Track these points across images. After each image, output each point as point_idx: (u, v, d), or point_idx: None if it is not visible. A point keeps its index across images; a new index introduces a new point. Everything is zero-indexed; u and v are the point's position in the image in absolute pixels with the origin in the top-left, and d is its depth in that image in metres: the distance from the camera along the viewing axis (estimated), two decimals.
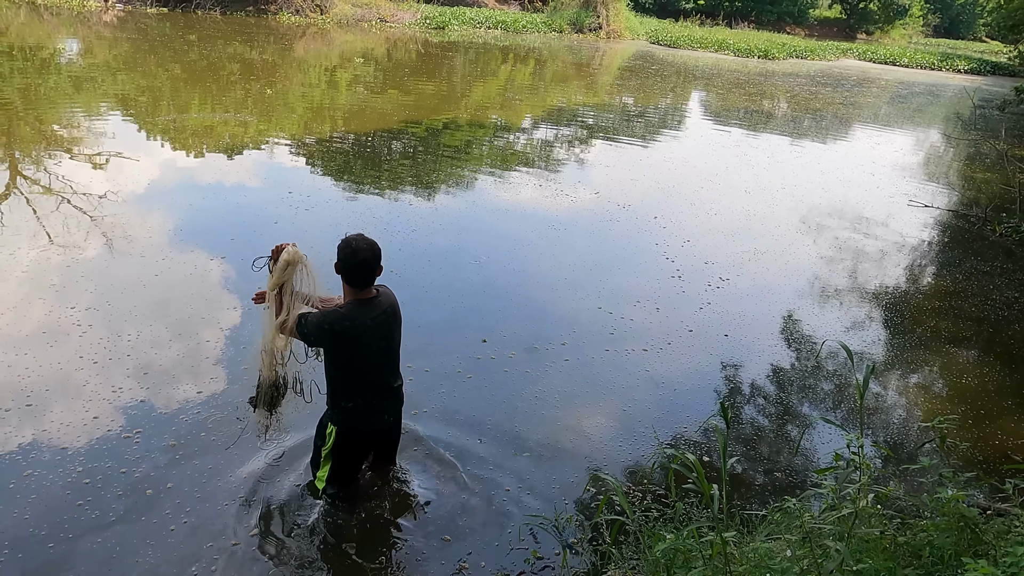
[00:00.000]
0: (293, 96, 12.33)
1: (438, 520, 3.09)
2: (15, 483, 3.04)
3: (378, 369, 2.87)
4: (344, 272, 2.76)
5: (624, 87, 17.71)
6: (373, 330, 2.78)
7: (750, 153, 11.18)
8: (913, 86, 24.12)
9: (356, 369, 2.83)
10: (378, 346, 2.83)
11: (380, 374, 2.88)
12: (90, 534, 2.83)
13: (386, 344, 2.87)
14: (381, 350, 2.85)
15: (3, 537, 2.78)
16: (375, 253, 2.75)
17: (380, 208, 6.88)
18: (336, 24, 22.52)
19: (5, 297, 4.50)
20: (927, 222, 8.39)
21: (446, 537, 2.98)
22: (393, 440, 3.16)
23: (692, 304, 5.43)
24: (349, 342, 2.76)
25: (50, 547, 2.76)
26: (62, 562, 2.71)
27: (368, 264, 2.74)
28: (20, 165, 7.28)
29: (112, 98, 10.71)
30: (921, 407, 4.48)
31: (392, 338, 2.89)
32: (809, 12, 42.74)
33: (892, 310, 5.86)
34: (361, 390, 2.86)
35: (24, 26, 16.65)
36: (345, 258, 2.73)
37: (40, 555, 2.73)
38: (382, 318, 2.82)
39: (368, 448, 3.10)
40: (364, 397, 2.87)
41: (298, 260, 2.83)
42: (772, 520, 2.61)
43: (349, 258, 2.72)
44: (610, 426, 3.88)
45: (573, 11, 28.21)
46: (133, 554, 2.76)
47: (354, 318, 2.75)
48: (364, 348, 2.79)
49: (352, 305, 2.78)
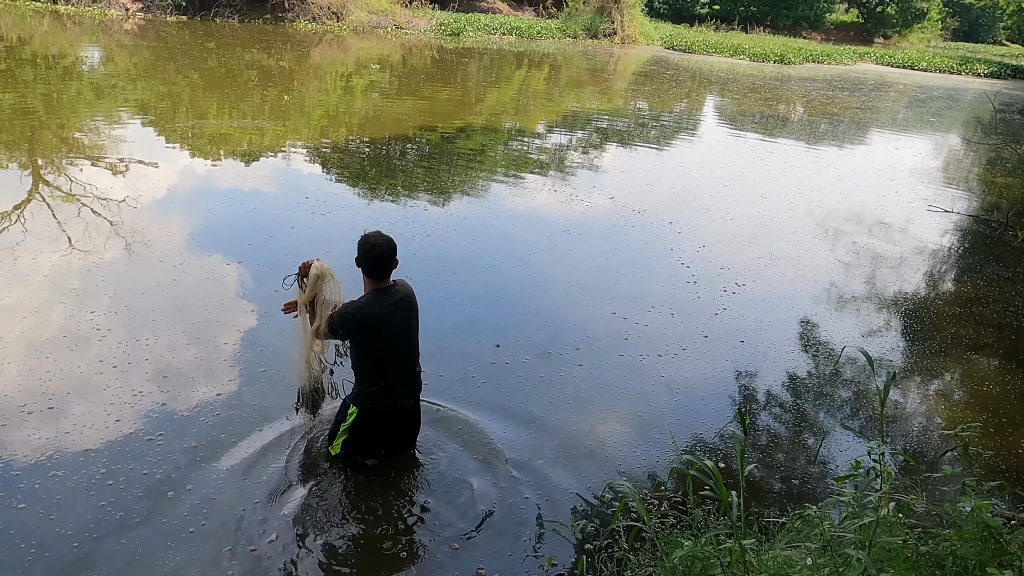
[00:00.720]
0: (309, 102, 12.44)
1: (453, 527, 3.08)
2: (40, 483, 3.08)
3: (399, 353, 3.14)
4: (364, 265, 3.05)
5: (639, 92, 17.69)
6: (392, 316, 3.05)
7: (766, 158, 11.11)
8: (932, 90, 23.88)
9: (379, 353, 3.09)
10: (398, 331, 3.10)
11: (401, 358, 3.16)
12: (113, 535, 2.86)
13: (405, 329, 3.13)
14: (401, 335, 3.12)
15: (30, 536, 2.82)
16: (391, 247, 3.04)
17: (395, 213, 6.91)
18: (352, 31, 22.71)
19: (27, 301, 4.57)
20: (947, 227, 8.29)
21: (454, 545, 2.97)
22: (413, 424, 3.39)
23: (707, 310, 5.40)
24: (372, 327, 3.03)
25: (75, 547, 2.80)
26: (86, 561, 2.74)
27: (385, 257, 3.02)
28: (42, 171, 7.39)
29: (132, 105, 10.87)
30: (942, 415, 4.42)
31: (410, 324, 3.16)
32: (825, 16, 42.49)
33: (911, 316, 5.79)
34: (385, 374, 3.12)
35: (48, 34, 16.96)
36: (364, 252, 3.02)
37: (66, 554, 2.76)
38: (400, 305, 3.09)
39: (385, 431, 3.28)
40: (387, 380, 3.12)
41: (327, 273, 3.19)
42: (791, 528, 2.58)
43: (368, 252, 3.01)
44: (625, 432, 3.86)
45: (587, 17, 28.25)
46: (154, 556, 2.79)
47: (374, 305, 3.02)
48: (385, 333, 3.06)
49: (372, 294, 3.06)
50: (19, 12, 19.37)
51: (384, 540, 2.97)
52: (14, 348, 4.04)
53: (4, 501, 2.97)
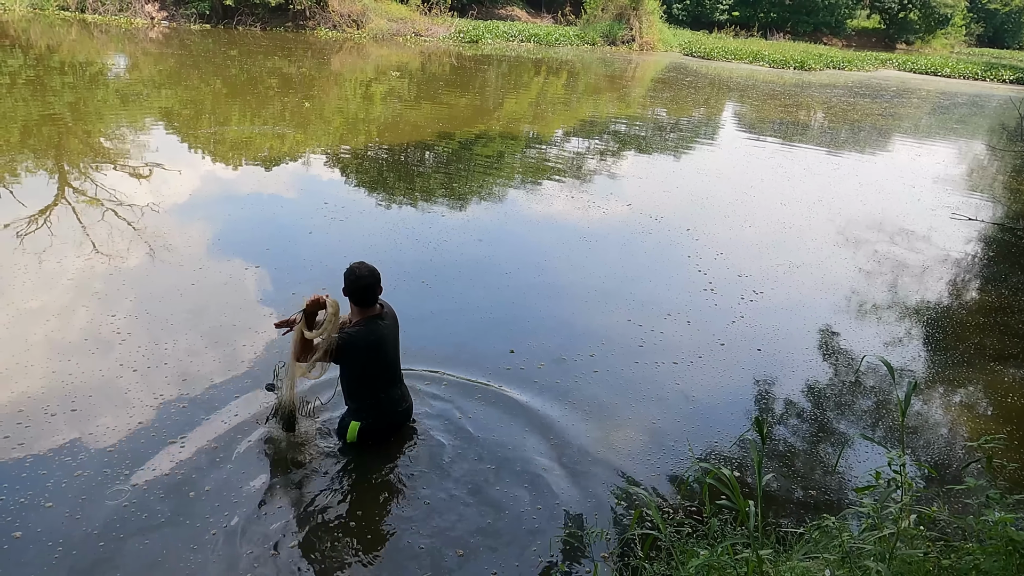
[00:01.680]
0: (329, 109, 12.57)
1: (460, 534, 3.07)
2: (67, 482, 3.13)
3: (393, 366, 3.48)
4: (351, 295, 3.34)
5: (657, 99, 17.65)
6: (387, 338, 3.41)
7: (785, 165, 11.03)
8: (955, 97, 23.56)
9: (374, 369, 3.39)
10: (392, 350, 3.45)
11: (394, 371, 3.50)
12: (137, 535, 2.90)
13: (394, 345, 3.49)
14: (393, 351, 3.48)
15: (57, 534, 2.86)
16: (375, 277, 3.32)
17: (412, 219, 6.95)
18: (372, 39, 22.93)
19: (51, 304, 4.66)
20: (971, 236, 8.16)
21: (460, 551, 2.97)
22: (408, 415, 3.63)
23: (724, 318, 5.36)
24: (372, 351, 3.35)
25: (100, 546, 2.84)
26: (111, 560, 2.77)
27: (371, 287, 3.31)
28: (69, 176, 7.54)
29: (156, 111, 11.05)
30: (965, 426, 4.34)
31: (397, 340, 3.52)
32: (846, 22, 42.13)
33: (934, 326, 5.70)
34: (381, 386, 3.43)
35: (75, 43, 17.32)
36: (351, 283, 3.31)
37: (91, 553, 2.80)
38: (391, 328, 3.46)
39: (388, 434, 3.53)
40: (385, 392, 3.44)
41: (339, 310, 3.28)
42: (809, 538, 2.54)
43: (355, 283, 3.30)
44: (640, 439, 3.83)
45: (606, 24, 28.28)
46: (177, 558, 2.82)
47: (374, 332, 3.35)
48: (383, 353, 3.40)
49: (366, 322, 3.34)
50: (48, 21, 19.80)
51: (392, 545, 2.98)
52: (38, 350, 4.12)
53: (33, 499, 3.03)
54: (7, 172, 7.41)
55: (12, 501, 3.01)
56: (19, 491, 3.06)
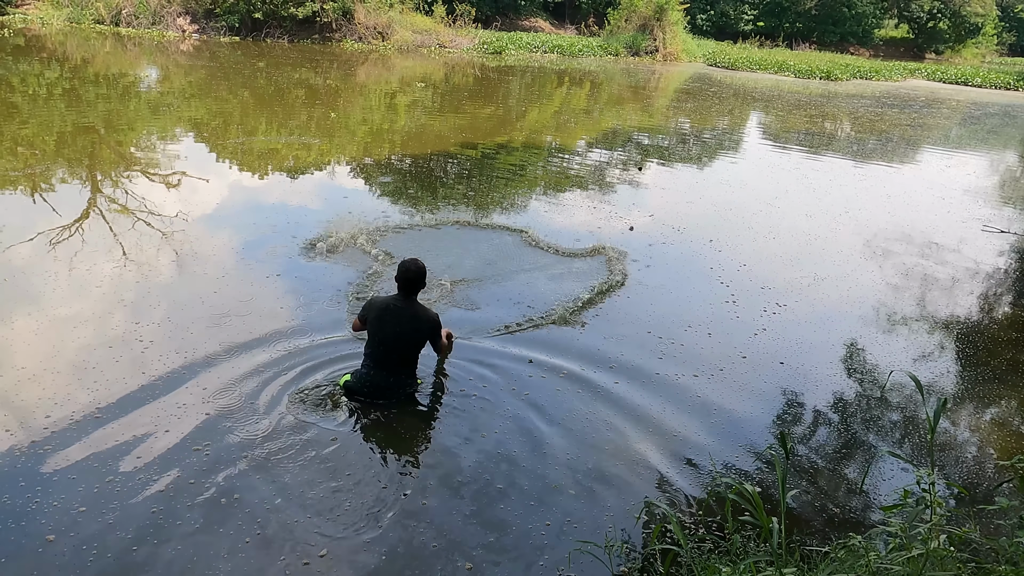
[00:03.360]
0: (354, 119, 12.72)
1: (469, 545, 3.06)
2: (98, 488, 3.19)
3: (382, 349, 3.91)
4: (397, 280, 4.01)
5: (680, 109, 17.59)
6: (389, 319, 3.91)
7: (811, 176, 10.90)
8: (987, 107, 23.14)
9: (371, 339, 3.95)
10: (391, 330, 3.91)
11: (387, 354, 3.91)
12: (169, 542, 2.94)
13: (395, 335, 3.91)
14: (389, 336, 3.91)
15: (93, 538, 2.92)
16: (412, 273, 3.95)
17: (433, 228, 6.98)
18: (397, 50, 23.21)
19: (80, 310, 4.76)
20: (1003, 248, 7.98)
21: (469, 565, 2.95)
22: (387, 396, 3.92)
23: (746, 330, 5.29)
24: (374, 323, 3.93)
25: (134, 550, 2.88)
26: (143, 565, 2.82)
27: (408, 280, 3.96)
28: (101, 185, 7.72)
29: (186, 122, 11.28)
30: (996, 445, 4.22)
31: (404, 336, 3.93)
32: (874, 32, 41.63)
33: (964, 341, 5.57)
34: (370, 357, 3.95)
35: (109, 55, 17.78)
36: (397, 271, 4.01)
37: (124, 557, 2.85)
38: (403, 316, 3.93)
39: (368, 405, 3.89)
40: (371, 365, 3.93)
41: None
42: (835, 557, 2.49)
43: (398, 272, 4.00)
44: (660, 453, 3.79)
45: (629, 34, 28.30)
46: (206, 565, 2.85)
47: (385, 303, 3.97)
48: (380, 330, 3.92)
49: (391, 297, 4.02)
50: (84, 34, 20.37)
51: (401, 556, 2.98)
52: (65, 356, 4.20)
53: (66, 503, 3.09)
54: (42, 180, 7.61)
55: (46, 504, 3.07)
56: (51, 495, 3.12)
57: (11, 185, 7.42)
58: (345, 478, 3.38)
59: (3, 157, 8.38)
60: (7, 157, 8.38)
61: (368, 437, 3.71)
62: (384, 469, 3.47)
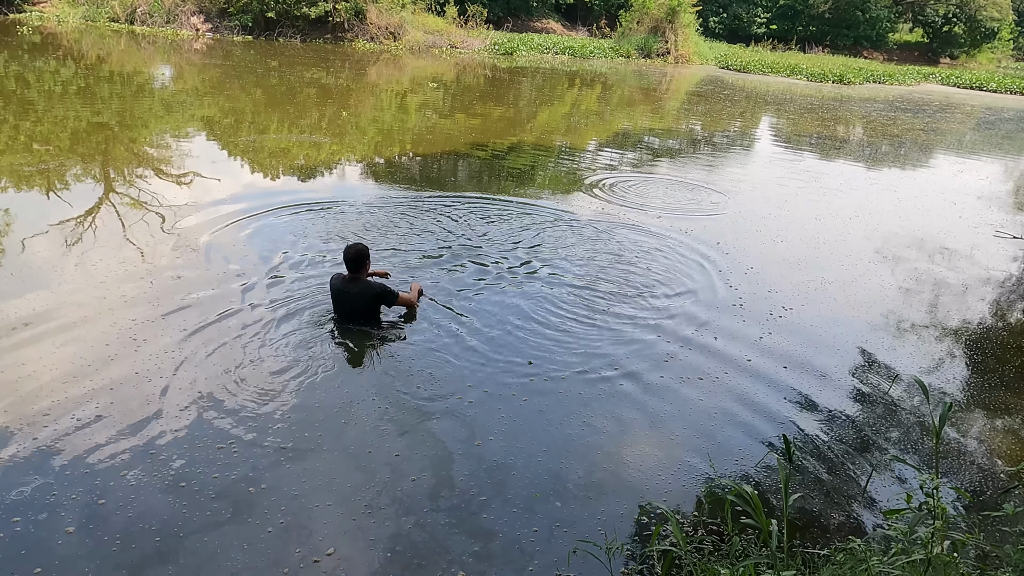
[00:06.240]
0: (365, 119, 12.77)
1: (470, 550, 3.07)
2: (114, 482, 3.24)
3: (345, 319, 4.79)
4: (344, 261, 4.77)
5: (691, 112, 17.54)
6: (341, 297, 4.75)
7: (822, 179, 10.84)
8: (1002, 112, 22.92)
9: (335, 311, 4.85)
10: (347, 306, 4.76)
11: (346, 321, 4.78)
12: (192, 534, 2.98)
13: (351, 309, 4.77)
14: (347, 310, 4.78)
15: (116, 530, 2.98)
16: (349, 255, 4.69)
17: (441, 228, 7.00)
18: (408, 50, 23.28)
19: (88, 305, 4.81)
20: (1016, 254, 7.91)
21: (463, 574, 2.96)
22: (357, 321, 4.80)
23: (752, 333, 5.27)
24: (333, 294, 4.80)
25: (157, 541, 2.93)
26: (167, 555, 2.87)
27: (348, 259, 4.69)
28: (113, 182, 7.80)
29: (199, 120, 11.37)
30: (1003, 452, 4.19)
31: (357, 308, 4.76)
32: (888, 36, 41.29)
33: (973, 347, 5.53)
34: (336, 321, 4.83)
35: (124, 53, 17.94)
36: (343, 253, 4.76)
37: (148, 547, 2.90)
38: (351, 292, 4.73)
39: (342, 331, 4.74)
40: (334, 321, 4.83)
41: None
42: (835, 561, 2.49)
43: (344, 254, 4.75)
44: (661, 455, 3.79)
45: (641, 37, 28.23)
46: (226, 556, 2.89)
47: (337, 283, 4.78)
48: (338, 305, 4.80)
49: (342, 277, 4.77)
50: (99, 33, 20.56)
51: (401, 559, 2.99)
52: (68, 351, 4.25)
53: (85, 496, 3.14)
54: (57, 176, 7.70)
55: (64, 497, 3.12)
56: (68, 488, 3.17)
57: (25, 181, 7.51)
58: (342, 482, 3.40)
59: (18, 153, 8.48)
60: (22, 153, 8.48)
61: (362, 440, 3.74)
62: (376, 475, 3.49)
